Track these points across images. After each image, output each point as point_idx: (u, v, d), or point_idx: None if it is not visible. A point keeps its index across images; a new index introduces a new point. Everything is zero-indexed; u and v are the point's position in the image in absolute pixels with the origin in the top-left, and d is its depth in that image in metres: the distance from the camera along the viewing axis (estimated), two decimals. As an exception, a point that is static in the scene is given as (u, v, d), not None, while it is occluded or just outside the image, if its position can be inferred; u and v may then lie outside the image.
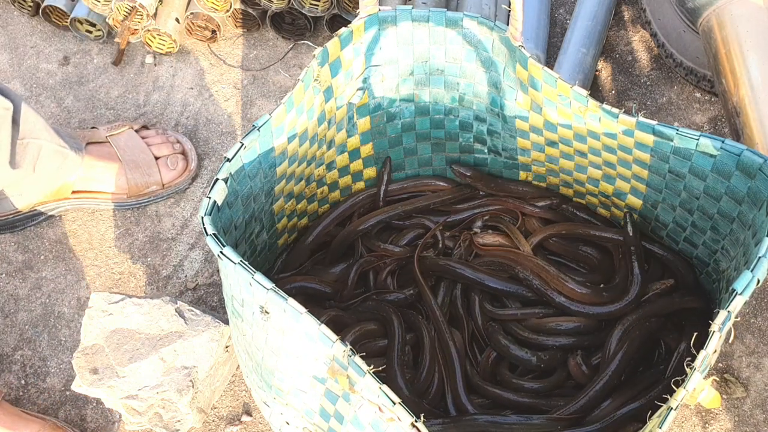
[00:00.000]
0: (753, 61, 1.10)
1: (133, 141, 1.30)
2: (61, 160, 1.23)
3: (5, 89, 1.16)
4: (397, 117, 1.11)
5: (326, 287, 1.11)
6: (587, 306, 1.05)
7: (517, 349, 1.05)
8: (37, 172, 1.21)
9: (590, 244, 1.13)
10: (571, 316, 1.06)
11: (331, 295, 1.11)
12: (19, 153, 1.17)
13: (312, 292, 1.10)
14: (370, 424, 0.77)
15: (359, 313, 1.10)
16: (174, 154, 1.31)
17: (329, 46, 0.95)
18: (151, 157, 1.30)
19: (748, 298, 0.74)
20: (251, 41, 1.48)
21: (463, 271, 1.09)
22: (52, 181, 1.25)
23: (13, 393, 1.21)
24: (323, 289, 1.11)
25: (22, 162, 1.18)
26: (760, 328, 1.20)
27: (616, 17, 1.45)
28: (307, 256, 1.16)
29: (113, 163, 1.29)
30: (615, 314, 1.04)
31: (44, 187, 1.25)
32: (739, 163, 0.87)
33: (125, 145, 1.29)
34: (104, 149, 1.30)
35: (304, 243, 1.15)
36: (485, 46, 0.99)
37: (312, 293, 1.10)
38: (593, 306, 1.05)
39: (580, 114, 0.95)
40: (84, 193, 1.29)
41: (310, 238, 1.15)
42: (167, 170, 1.30)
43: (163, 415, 1.08)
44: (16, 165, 1.18)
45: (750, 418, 1.14)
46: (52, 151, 1.21)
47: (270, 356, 0.86)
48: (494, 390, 1.04)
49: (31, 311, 1.27)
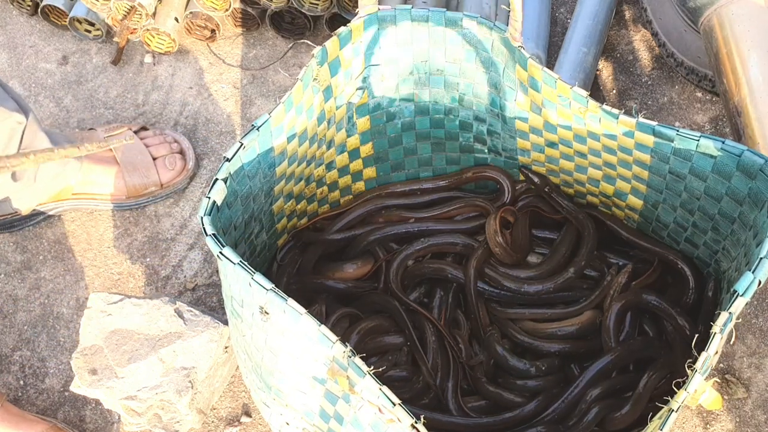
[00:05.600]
0: (754, 61, 1.09)
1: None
2: (60, 168, 1.24)
3: (20, 101, 1.16)
4: (396, 116, 1.11)
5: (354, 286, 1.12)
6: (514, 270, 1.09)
7: (515, 361, 1.05)
8: (37, 182, 1.22)
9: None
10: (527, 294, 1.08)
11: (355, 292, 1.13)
12: None
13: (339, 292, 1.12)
14: (370, 425, 0.77)
15: (365, 305, 1.11)
16: (172, 154, 1.32)
17: (328, 46, 0.94)
18: (149, 158, 1.30)
19: (749, 299, 0.74)
20: (250, 40, 1.48)
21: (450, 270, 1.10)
22: (52, 188, 1.25)
23: (11, 394, 1.21)
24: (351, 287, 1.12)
25: (23, 175, 1.19)
26: (761, 328, 1.20)
27: (617, 17, 1.45)
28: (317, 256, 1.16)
29: (111, 167, 1.29)
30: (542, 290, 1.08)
31: (43, 195, 1.25)
32: (740, 163, 0.87)
33: (123, 147, 1.29)
34: (102, 152, 1.29)
35: (328, 236, 1.14)
36: (485, 47, 0.98)
37: (338, 293, 1.12)
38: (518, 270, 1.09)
39: (580, 115, 0.95)
40: (83, 194, 1.30)
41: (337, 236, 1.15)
42: (165, 171, 1.30)
43: (162, 416, 1.07)
44: (17, 178, 1.19)
45: (751, 419, 1.14)
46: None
47: (269, 357, 0.86)
48: (496, 390, 1.04)
49: (29, 312, 1.27)
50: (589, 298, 1.07)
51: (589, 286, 1.10)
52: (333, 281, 1.11)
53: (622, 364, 1.03)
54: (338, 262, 1.13)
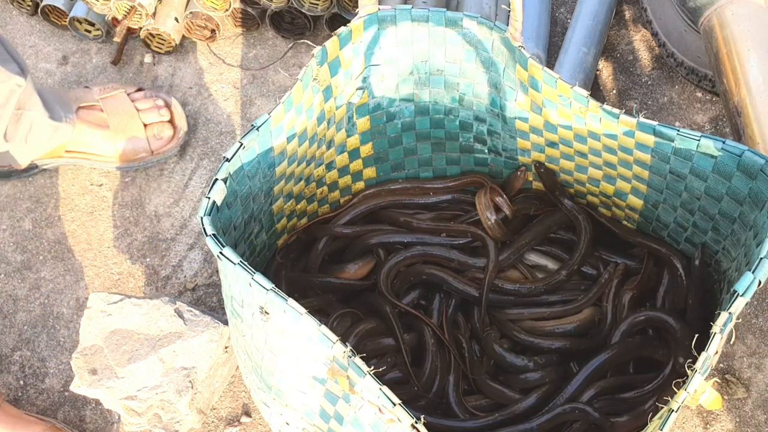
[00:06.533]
0: (754, 61, 1.09)
1: (123, 106, 1.32)
2: (52, 131, 1.26)
3: (21, 62, 1.19)
4: (396, 117, 1.11)
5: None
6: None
7: (513, 357, 1.05)
8: (29, 143, 1.25)
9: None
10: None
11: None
12: (12, 124, 1.20)
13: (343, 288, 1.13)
14: (370, 425, 0.77)
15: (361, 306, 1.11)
16: (161, 122, 1.33)
17: (328, 46, 0.94)
18: (140, 124, 1.32)
19: (749, 299, 0.74)
20: (250, 40, 1.48)
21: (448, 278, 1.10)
22: (43, 149, 1.28)
23: (11, 394, 1.21)
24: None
25: (15, 135, 1.22)
26: (761, 328, 1.19)
27: (617, 17, 1.45)
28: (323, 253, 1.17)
29: (103, 130, 1.31)
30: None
31: (35, 155, 1.29)
32: (740, 163, 0.87)
33: (115, 110, 1.31)
34: (94, 114, 1.32)
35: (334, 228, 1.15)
36: (485, 47, 0.98)
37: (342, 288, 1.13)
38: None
39: (581, 114, 0.94)
40: (76, 152, 1.32)
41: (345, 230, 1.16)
42: (155, 139, 1.32)
43: (162, 416, 1.07)
44: (8, 138, 1.21)
45: (751, 419, 1.14)
46: (44, 124, 1.24)
47: (270, 357, 0.86)
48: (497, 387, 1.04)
49: (29, 312, 1.26)
50: (588, 296, 1.08)
51: (586, 287, 1.10)
52: (334, 279, 1.12)
53: (619, 361, 1.03)
54: (341, 264, 1.14)
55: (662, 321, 1.03)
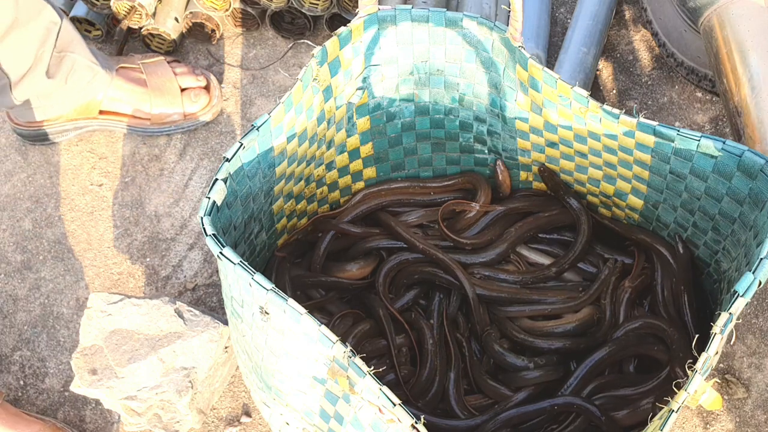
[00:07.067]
0: (754, 61, 1.09)
1: (162, 69, 1.37)
2: (92, 75, 1.30)
3: (52, 3, 1.22)
4: (396, 117, 1.11)
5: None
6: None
7: (513, 357, 1.05)
8: (68, 84, 1.28)
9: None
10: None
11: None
12: (55, 64, 1.24)
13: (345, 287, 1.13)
14: (370, 425, 0.77)
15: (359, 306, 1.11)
16: (198, 88, 1.37)
17: (328, 46, 0.94)
18: (177, 87, 1.37)
19: (749, 299, 0.74)
20: (250, 40, 1.48)
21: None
22: (82, 95, 1.31)
23: (12, 394, 1.21)
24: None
25: (57, 73, 1.25)
26: (761, 328, 1.20)
27: (617, 17, 1.45)
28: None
29: (140, 88, 1.35)
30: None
31: (73, 101, 1.32)
32: (740, 164, 0.87)
33: (153, 71, 1.37)
34: (134, 73, 1.36)
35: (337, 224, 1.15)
36: (485, 47, 0.98)
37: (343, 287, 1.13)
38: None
39: (581, 115, 0.94)
40: (110, 114, 1.36)
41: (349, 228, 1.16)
42: (190, 103, 1.37)
43: (162, 416, 1.07)
44: (50, 75, 1.24)
45: (751, 419, 1.14)
46: (85, 66, 1.28)
47: (270, 357, 0.86)
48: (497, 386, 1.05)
49: (29, 312, 1.26)
50: (588, 293, 1.07)
51: (584, 288, 1.10)
52: (336, 278, 1.12)
53: (617, 358, 1.03)
54: (342, 263, 1.14)
55: (657, 328, 1.03)
